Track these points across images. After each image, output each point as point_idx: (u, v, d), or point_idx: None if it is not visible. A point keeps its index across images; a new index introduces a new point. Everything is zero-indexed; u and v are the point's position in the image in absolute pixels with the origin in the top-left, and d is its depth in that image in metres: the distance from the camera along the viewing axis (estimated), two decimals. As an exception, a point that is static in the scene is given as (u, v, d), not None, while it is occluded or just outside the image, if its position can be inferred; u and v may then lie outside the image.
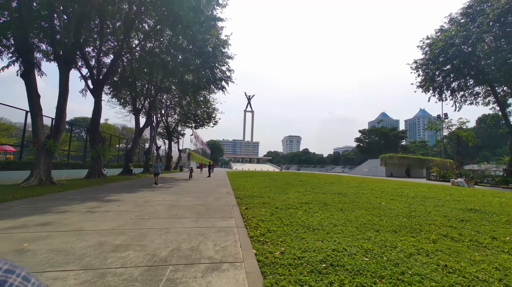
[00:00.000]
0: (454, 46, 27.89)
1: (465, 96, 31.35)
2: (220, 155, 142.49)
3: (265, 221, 5.60)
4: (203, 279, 2.89)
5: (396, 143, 60.27)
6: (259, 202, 8.28)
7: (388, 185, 14.66)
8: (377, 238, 4.30)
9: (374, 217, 6.00)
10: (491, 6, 24.11)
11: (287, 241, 4.17)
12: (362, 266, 3.15)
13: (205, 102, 32.68)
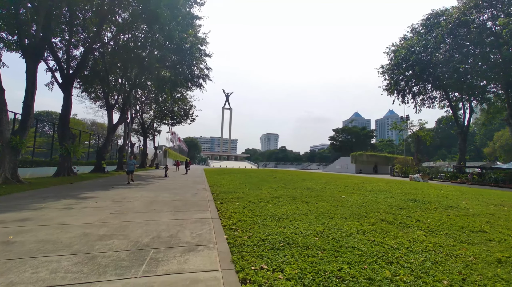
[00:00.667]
0: (415, 54, 30.68)
1: (424, 99, 34.64)
2: (197, 152, 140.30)
3: (237, 213, 6.27)
4: (181, 257, 3.49)
5: (366, 142, 64.66)
6: (233, 197, 8.93)
7: (352, 180, 16.12)
8: (329, 223, 5.18)
9: (332, 207, 6.95)
10: (445, 20, 26.93)
11: (255, 228, 4.87)
12: (311, 243, 3.95)
13: (182, 99, 32.42)
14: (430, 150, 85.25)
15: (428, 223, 5.25)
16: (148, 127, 40.39)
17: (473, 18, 24.13)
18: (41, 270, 2.97)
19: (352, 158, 44.54)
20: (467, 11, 24.20)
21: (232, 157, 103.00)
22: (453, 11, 26.52)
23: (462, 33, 25.94)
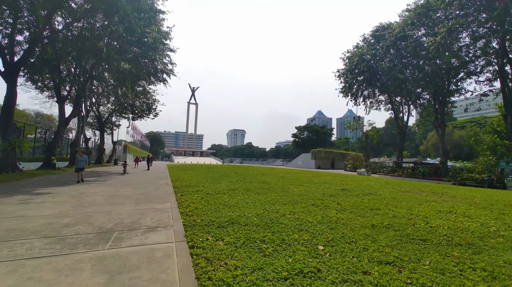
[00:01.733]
0: (365, 61, 34.34)
1: (373, 102, 38.98)
2: (161, 147, 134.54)
3: (195, 203, 7.12)
4: (142, 236, 4.29)
5: (325, 139, 69.87)
6: (194, 190, 9.70)
7: (306, 175, 17.98)
8: (270, 208, 6.37)
9: (278, 197, 8.21)
10: (389, 33, 30.71)
11: (208, 214, 5.82)
12: (250, 222, 5.06)
13: (144, 93, 31.39)
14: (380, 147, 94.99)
15: (344, 205, 6.79)
16: (105, 120, 38.02)
17: (411, 34, 28.04)
18: (17, 249, 3.53)
19: (312, 155, 47.91)
20: (406, 27, 28.03)
21: (197, 153, 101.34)
22: (396, 26, 30.40)
23: (403, 45, 29.92)
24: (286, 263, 3.14)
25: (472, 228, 4.67)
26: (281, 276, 2.81)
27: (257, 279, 2.75)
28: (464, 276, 2.83)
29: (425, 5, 26.12)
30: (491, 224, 5.00)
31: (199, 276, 2.88)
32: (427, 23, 27.96)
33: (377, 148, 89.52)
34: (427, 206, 6.88)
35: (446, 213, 6.00)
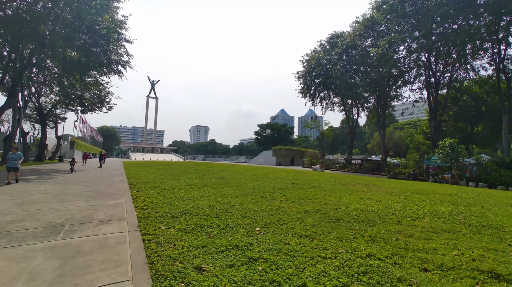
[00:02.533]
0: (322, 65, 37.01)
1: (328, 104, 42.20)
2: (116, 143, 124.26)
3: (151, 198, 7.37)
4: (95, 228, 4.54)
5: (286, 137, 73.27)
6: (150, 186, 9.79)
7: (263, 171, 19.05)
8: (222, 200, 7.00)
9: (232, 190, 8.88)
10: (341, 41, 33.68)
11: (163, 207, 6.19)
12: (202, 212, 5.62)
13: (95, 84, 29.02)
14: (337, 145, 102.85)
15: (289, 196, 7.79)
16: (48, 113, 34.06)
17: (359, 44, 31.21)
18: (-42, 245, 3.53)
19: (273, 152, 49.86)
20: (355, 38, 31.11)
21: (157, 149, 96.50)
22: (347, 35, 33.45)
23: (353, 53, 33.11)
24: (226, 241, 3.81)
25: (377, 209, 5.98)
26: (219, 250, 3.47)
27: (199, 253, 3.37)
28: (355, 241, 3.86)
29: (370, 19, 29.36)
30: (392, 206, 6.44)
31: (149, 255, 3.37)
32: (373, 34, 31.47)
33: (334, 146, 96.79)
34: (355, 195, 8.29)
35: (365, 199, 7.40)
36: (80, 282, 2.68)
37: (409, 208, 6.25)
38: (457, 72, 29.22)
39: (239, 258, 3.22)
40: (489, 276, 2.76)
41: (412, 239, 3.94)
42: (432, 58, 27.75)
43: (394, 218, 5.25)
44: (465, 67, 28.97)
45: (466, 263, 3.05)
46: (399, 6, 24.03)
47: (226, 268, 2.94)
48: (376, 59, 26.65)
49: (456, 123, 34.13)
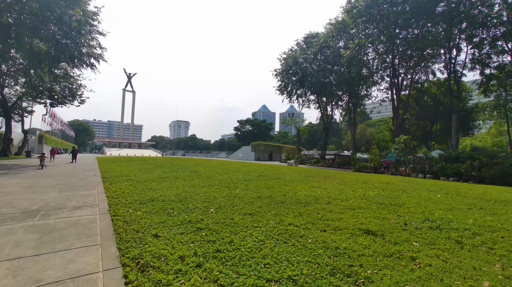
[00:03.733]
0: (298, 64, 38.40)
1: (304, 101, 43.86)
2: (89, 138, 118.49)
3: (122, 189, 7.99)
4: (69, 212, 5.20)
5: (266, 133, 74.85)
6: (124, 179, 10.31)
7: (237, 165, 19.98)
8: (189, 190, 7.81)
9: (202, 182, 9.71)
10: (316, 41, 35.22)
11: (133, 196, 6.89)
12: (168, 199, 6.42)
13: (66, 77, 28.01)
14: (315, 141, 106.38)
15: (250, 186, 8.79)
16: (13, 105, 32.20)
17: (332, 45, 32.89)
18: None
19: (252, 147, 50.95)
20: (328, 39, 32.73)
21: (135, 144, 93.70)
22: (322, 36, 35.02)
23: (327, 53, 34.80)
24: (183, 218, 4.69)
25: (318, 194, 7.17)
26: (175, 224, 4.35)
27: (158, 226, 4.22)
28: (286, 216, 4.92)
29: (342, 22, 31.09)
30: (333, 192, 7.68)
31: (116, 229, 4.17)
32: (345, 36, 33.33)
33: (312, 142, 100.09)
34: (308, 185, 9.49)
35: (315, 188, 8.61)
36: (58, 246, 3.44)
37: (344, 193, 7.51)
38: (418, 74, 31.98)
39: (190, 228, 4.13)
40: (363, 232, 3.92)
41: (329, 213, 5.09)
42: (396, 60, 30.13)
43: (327, 200, 6.43)
44: (425, 70, 31.79)
45: (354, 226, 4.21)
46: (366, 11, 25.79)
47: (178, 235, 3.84)
48: (346, 60, 28.42)
49: (418, 121, 37.30)
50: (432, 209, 5.57)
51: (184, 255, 3.10)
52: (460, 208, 5.86)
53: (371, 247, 3.39)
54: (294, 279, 2.58)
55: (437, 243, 3.54)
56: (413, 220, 4.66)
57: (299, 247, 3.36)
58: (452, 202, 6.64)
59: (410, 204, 6.11)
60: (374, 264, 2.92)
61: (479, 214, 5.30)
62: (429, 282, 2.54)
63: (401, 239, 3.68)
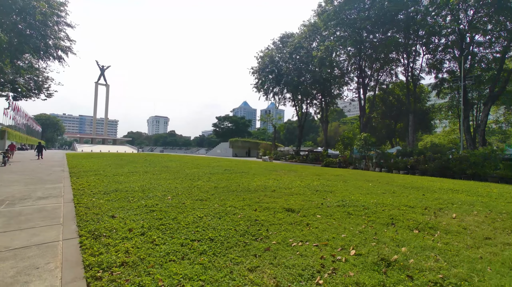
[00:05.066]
0: (274, 63, 39.53)
1: (280, 99, 45.22)
2: (58, 133, 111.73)
3: (89, 182, 8.46)
4: (34, 202, 5.73)
5: (244, 130, 75.81)
6: (92, 174, 10.65)
7: (209, 161, 20.69)
8: (155, 182, 8.48)
9: (169, 176, 10.37)
10: (291, 41, 36.51)
11: (99, 188, 7.44)
12: (131, 189, 7.08)
13: (31, 70, 26.73)
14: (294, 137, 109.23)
15: (213, 179, 9.64)
16: (-30, 98, 29.99)
17: (306, 46, 34.34)
18: None
19: (230, 144, 51.63)
20: (302, 40, 34.13)
21: (109, 140, 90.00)
22: (296, 36, 36.37)
23: (302, 53, 36.23)
24: (140, 204, 5.45)
25: (269, 185, 8.22)
26: (132, 208, 5.10)
27: (117, 210, 4.95)
28: (231, 201, 5.86)
29: (314, 24, 32.59)
30: (283, 182, 8.78)
31: (78, 213, 4.84)
32: (318, 37, 34.92)
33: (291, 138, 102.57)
34: (267, 177, 10.55)
35: (271, 179, 9.67)
36: (23, 226, 4.08)
37: (292, 183, 8.65)
38: (383, 76, 34.52)
39: (144, 211, 4.92)
40: (285, 210, 4.97)
41: (268, 198, 6.11)
42: (364, 63, 32.30)
43: (274, 189, 7.49)
44: (389, 72, 34.40)
45: (280, 206, 5.25)
46: (335, 16, 27.38)
47: (132, 215, 4.61)
48: (317, 61, 30.00)
49: (383, 120, 40.22)
50: (353, 194, 6.82)
51: (132, 227, 3.91)
52: (377, 192, 7.20)
53: (284, 219, 4.43)
54: (212, 238, 3.51)
55: (334, 215, 4.67)
56: (330, 201, 5.82)
57: (228, 221, 4.31)
58: (376, 189, 8.01)
59: (340, 190, 7.35)
60: (278, 228, 3.94)
61: (385, 196, 6.62)
62: (308, 237, 3.60)
63: (310, 213, 4.77)
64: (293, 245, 3.33)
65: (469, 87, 28.60)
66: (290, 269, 2.69)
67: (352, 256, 2.98)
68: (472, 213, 4.95)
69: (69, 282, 2.50)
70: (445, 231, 3.86)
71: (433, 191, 7.72)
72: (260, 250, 3.15)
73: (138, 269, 2.68)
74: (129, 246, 3.24)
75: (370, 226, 4.08)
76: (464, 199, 6.34)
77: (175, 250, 3.15)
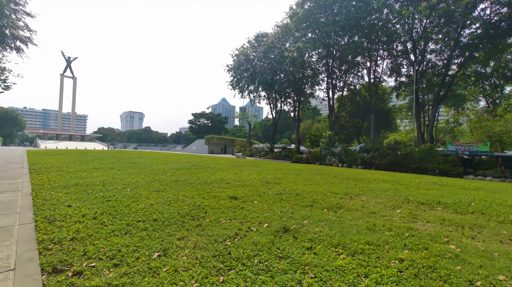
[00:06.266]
0: (249, 61, 40.21)
1: (255, 96, 46.08)
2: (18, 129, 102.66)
3: (50, 178, 8.58)
4: (-10, 195, 5.94)
5: (221, 127, 75.95)
6: (54, 170, 10.62)
7: (180, 157, 20.98)
8: (117, 177, 8.84)
9: (135, 171, 10.69)
10: (265, 41, 37.42)
11: (59, 183, 7.68)
12: (92, 183, 7.44)
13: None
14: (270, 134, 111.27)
15: (177, 173, 10.19)
16: None
17: (279, 46, 35.44)
18: None
19: (206, 141, 51.61)
20: (275, 40, 35.19)
21: (77, 136, 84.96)
22: (270, 36, 37.35)
23: (276, 53, 37.30)
24: (98, 195, 5.92)
25: (226, 178, 8.99)
26: (89, 199, 5.57)
27: (74, 201, 5.40)
28: (186, 191, 6.53)
29: (287, 25, 33.79)
30: (241, 176, 9.62)
31: (35, 203, 5.22)
32: (291, 38, 36.19)
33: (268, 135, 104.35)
34: (229, 171, 11.31)
35: (231, 173, 10.46)
36: (-20, 215, 4.44)
37: (249, 177, 9.52)
38: (350, 77, 36.81)
39: (100, 201, 5.43)
40: (229, 197, 5.78)
41: (219, 189, 6.89)
42: (333, 64, 34.22)
43: (229, 181, 8.29)
44: (356, 74, 36.77)
45: (226, 195, 6.05)
46: (305, 19, 28.72)
47: (88, 204, 5.12)
48: (289, 62, 31.24)
49: (351, 118, 42.84)
50: (297, 184, 7.84)
51: (86, 213, 4.47)
52: (319, 183, 8.31)
53: (225, 204, 5.22)
54: (156, 219, 4.20)
55: (269, 201, 5.57)
56: (272, 191, 6.75)
57: (175, 206, 5.01)
58: (321, 180, 9.16)
59: (287, 182, 8.35)
60: (216, 211, 4.72)
61: (323, 186, 7.73)
62: (238, 216, 4.42)
63: (249, 200, 5.62)
64: (222, 222, 4.14)
65: (424, 90, 31.71)
66: (210, 237, 3.48)
67: (264, 228, 3.85)
68: (380, 197, 6.15)
69: (23, 252, 3.06)
70: (347, 209, 4.92)
71: (367, 182, 9.03)
72: (192, 226, 3.91)
73: (85, 242, 3.31)
74: (80, 227, 3.83)
75: (292, 208, 5.02)
76: (384, 187, 7.63)
77: (120, 228, 3.79)
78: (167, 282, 2.37)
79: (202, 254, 2.94)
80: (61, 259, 2.82)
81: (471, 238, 3.53)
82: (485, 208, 5.07)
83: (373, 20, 28.14)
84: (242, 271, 2.56)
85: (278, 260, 2.78)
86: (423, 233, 3.64)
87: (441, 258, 2.83)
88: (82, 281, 2.43)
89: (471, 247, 3.17)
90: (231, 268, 2.65)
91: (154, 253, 2.98)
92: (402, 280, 2.37)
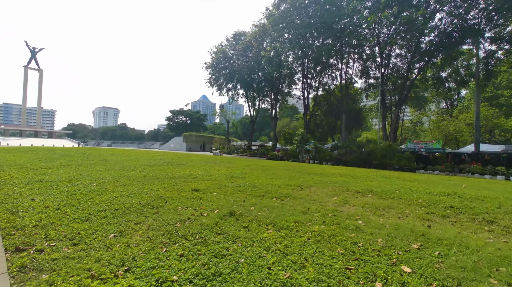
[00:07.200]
0: (228, 59, 40.42)
1: (234, 94, 46.43)
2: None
3: (12, 175, 8.46)
4: None
5: (199, 124, 75.35)
6: (16, 168, 10.35)
7: (153, 154, 20.94)
8: (85, 173, 8.94)
9: (104, 168, 10.75)
10: (243, 40, 37.87)
11: (22, 179, 7.65)
12: (58, 180, 7.55)
13: None
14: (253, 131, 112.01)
15: (147, 170, 10.44)
16: None
17: (257, 45, 36.07)
18: None
19: (184, 138, 51.08)
20: (253, 39, 35.77)
21: (43, 133, 79.54)
22: (248, 35, 37.86)
23: (254, 52, 37.87)
24: (63, 190, 6.13)
25: (194, 174, 9.46)
26: (54, 193, 5.79)
27: (37, 195, 5.60)
28: (152, 185, 6.93)
29: (264, 25, 34.52)
30: (209, 172, 10.13)
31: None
32: (268, 38, 36.98)
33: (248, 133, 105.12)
34: (200, 168, 11.76)
35: (201, 169, 10.92)
36: None
37: (217, 172, 10.07)
38: (325, 78, 38.46)
39: (65, 195, 5.69)
40: (191, 189, 6.30)
41: (185, 183, 7.37)
42: (309, 65, 35.58)
43: (197, 176, 8.78)
44: (330, 75, 38.50)
45: (189, 187, 6.56)
46: (280, 20, 29.61)
47: (52, 198, 5.37)
48: (265, 61, 32.01)
49: (326, 117, 44.77)
50: (260, 179, 8.55)
51: (49, 205, 4.76)
52: (281, 177, 9.09)
53: (185, 196, 5.74)
54: (117, 209, 4.62)
55: (227, 192, 6.18)
56: (234, 184, 7.37)
57: (138, 198, 5.44)
58: (284, 175, 9.96)
59: (252, 177, 9.02)
60: (175, 201, 5.23)
61: (273, 180, 8.51)
62: (194, 205, 4.98)
63: (210, 191, 6.19)
64: (178, 209, 4.67)
65: (390, 92, 34.12)
66: (164, 221, 4.01)
67: (214, 213, 4.45)
68: (327, 187, 7.02)
69: (-14, 237, 3.38)
70: (293, 198, 5.68)
71: (325, 176, 9.99)
72: (150, 213, 4.41)
73: (47, 228, 3.68)
74: (43, 216, 4.16)
75: (245, 198, 5.67)
76: (336, 180, 8.59)
77: (82, 216, 4.19)
78: (118, 253, 2.89)
79: (154, 234, 3.47)
80: (23, 241, 3.20)
81: (378, 216, 4.41)
82: (405, 195, 6.10)
83: (344, 25, 29.69)
84: (183, 244, 3.14)
85: (215, 235, 3.39)
86: (343, 214, 4.46)
87: (345, 230, 3.62)
88: (43, 256, 2.86)
89: (374, 222, 4.02)
90: (175, 242, 3.21)
91: (110, 235, 3.45)
92: (306, 243, 3.09)
